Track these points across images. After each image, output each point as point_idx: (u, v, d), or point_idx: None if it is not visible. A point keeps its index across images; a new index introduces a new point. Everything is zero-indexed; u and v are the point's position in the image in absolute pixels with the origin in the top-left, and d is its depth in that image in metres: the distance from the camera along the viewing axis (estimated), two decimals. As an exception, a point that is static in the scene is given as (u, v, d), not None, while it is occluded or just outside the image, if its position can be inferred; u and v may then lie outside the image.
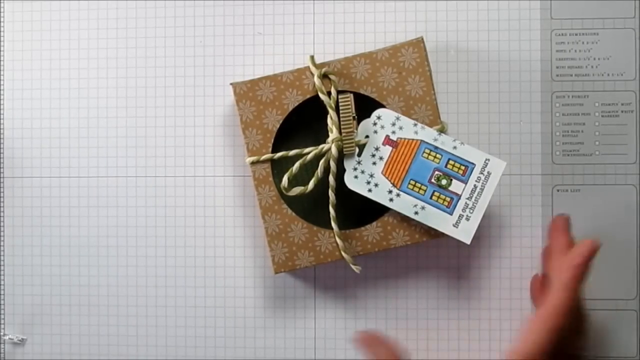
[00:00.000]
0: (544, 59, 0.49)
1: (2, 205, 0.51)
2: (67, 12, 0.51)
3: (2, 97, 0.51)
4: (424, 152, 0.45)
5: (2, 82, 0.51)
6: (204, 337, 0.50)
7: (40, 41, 0.51)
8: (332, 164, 0.45)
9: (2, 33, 0.51)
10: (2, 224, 0.51)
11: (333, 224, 0.45)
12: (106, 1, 0.51)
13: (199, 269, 0.50)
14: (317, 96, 0.46)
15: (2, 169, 0.51)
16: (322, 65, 0.46)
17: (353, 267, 0.45)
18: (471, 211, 0.44)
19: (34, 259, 0.51)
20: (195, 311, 0.50)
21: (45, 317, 0.51)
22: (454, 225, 0.44)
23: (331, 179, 0.45)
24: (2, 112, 0.51)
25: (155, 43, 0.50)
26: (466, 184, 0.44)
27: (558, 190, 0.49)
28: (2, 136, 0.51)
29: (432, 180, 0.45)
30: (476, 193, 0.44)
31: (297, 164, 0.45)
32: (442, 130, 0.45)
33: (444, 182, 0.45)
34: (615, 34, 0.49)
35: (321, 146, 0.45)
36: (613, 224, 0.49)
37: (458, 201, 0.44)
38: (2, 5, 0.51)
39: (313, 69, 0.45)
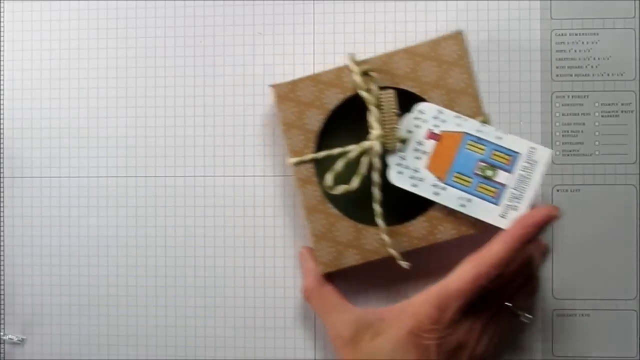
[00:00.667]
0: (544, 59, 0.49)
1: (2, 205, 0.51)
2: (67, 12, 0.51)
3: (2, 97, 0.51)
4: (467, 144, 0.44)
5: (2, 82, 0.51)
6: (204, 337, 0.50)
7: (40, 41, 0.51)
8: (376, 161, 0.44)
9: (2, 33, 0.51)
10: (2, 224, 0.51)
11: (379, 221, 0.45)
12: (106, 1, 0.51)
13: (199, 268, 0.50)
14: (357, 94, 0.45)
15: (2, 169, 0.51)
16: (362, 62, 0.45)
17: (401, 263, 0.44)
18: (518, 201, 0.44)
19: (34, 259, 0.51)
20: (195, 311, 0.50)
21: (45, 317, 0.51)
22: (501, 216, 0.44)
23: (375, 175, 0.44)
24: (2, 112, 0.51)
25: (155, 43, 0.50)
26: (512, 173, 0.44)
27: (558, 190, 0.49)
28: (2, 136, 0.51)
29: (477, 172, 0.44)
30: (522, 183, 0.44)
31: (341, 163, 0.44)
32: (485, 121, 0.45)
33: (489, 173, 0.44)
34: (615, 34, 0.49)
35: (364, 143, 0.45)
36: (613, 224, 0.49)
37: (504, 191, 0.44)
38: (2, 5, 0.51)
39: (353, 66, 0.45)
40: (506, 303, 0.44)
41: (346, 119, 0.47)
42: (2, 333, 0.51)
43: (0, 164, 0.51)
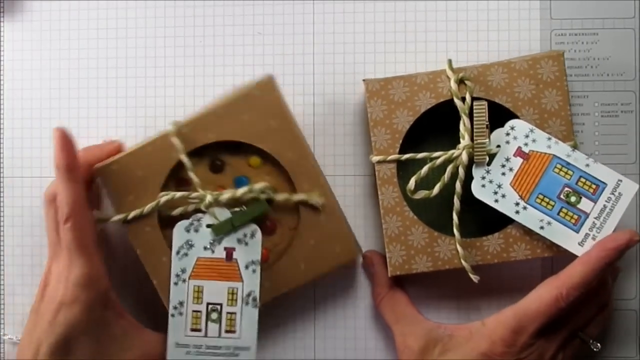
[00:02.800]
0: (544, 59, 0.49)
1: (2, 205, 0.51)
2: (67, 12, 0.51)
3: (2, 97, 0.51)
4: (555, 167, 0.44)
5: (2, 82, 0.51)
6: (204, 337, 0.50)
7: (40, 41, 0.51)
8: (461, 171, 0.43)
9: (2, 33, 0.51)
10: (2, 224, 0.51)
11: (455, 231, 0.44)
12: (106, 1, 0.51)
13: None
14: (450, 100, 0.45)
15: (2, 169, 0.51)
16: (460, 70, 0.45)
17: (472, 276, 0.44)
18: (598, 231, 0.44)
19: (34, 259, 0.51)
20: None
21: (45, 317, 0.51)
22: (579, 244, 0.44)
23: (458, 185, 0.44)
24: (2, 112, 0.51)
25: (155, 43, 0.51)
26: (596, 203, 0.44)
27: (558, 190, 0.49)
28: (2, 136, 0.51)
29: (561, 197, 0.44)
30: (605, 213, 0.44)
31: (425, 168, 0.44)
32: (574, 147, 0.44)
33: (573, 199, 0.44)
34: (615, 34, 0.49)
35: (451, 152, 0.44)
36: (613, 224, 0.49)
37: (586, 220, 0.44)
38: (2, 5, 0.51)
39: (450, 73, 0.44)
40: (579, 332, 0.44)
41: (433, 125, 0.46)
42: (2, 333, 0.51)
43: (0, 164, 0.51)
